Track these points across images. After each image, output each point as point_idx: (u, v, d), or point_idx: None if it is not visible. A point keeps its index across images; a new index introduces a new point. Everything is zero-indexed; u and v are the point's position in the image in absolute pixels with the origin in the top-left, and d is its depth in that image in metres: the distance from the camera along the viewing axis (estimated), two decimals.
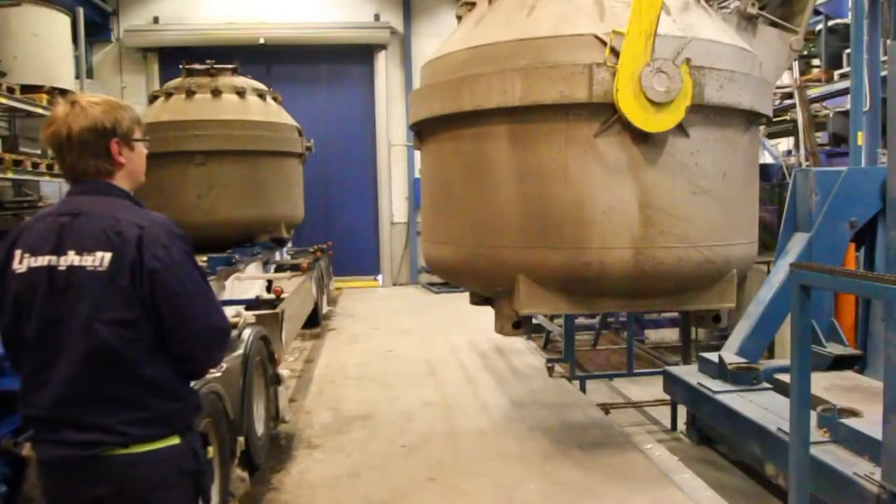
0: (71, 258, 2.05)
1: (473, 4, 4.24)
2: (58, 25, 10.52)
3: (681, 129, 3.54)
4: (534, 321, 8.88)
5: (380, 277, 15.60)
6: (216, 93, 8.45)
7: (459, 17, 4.41)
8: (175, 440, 2.12)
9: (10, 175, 8.68)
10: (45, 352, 2.06)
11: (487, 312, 4.23)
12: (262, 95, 8.98)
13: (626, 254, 3.57)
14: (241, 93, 8.61)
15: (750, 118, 3.90)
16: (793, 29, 4.40)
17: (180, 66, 9.10)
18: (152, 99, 9.14)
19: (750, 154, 4.01)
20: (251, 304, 6.20)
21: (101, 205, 2.13)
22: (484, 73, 3.70)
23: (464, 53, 3.90)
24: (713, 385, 4.69)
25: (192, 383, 2.33)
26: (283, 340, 5.98)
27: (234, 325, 4.54)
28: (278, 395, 5.24)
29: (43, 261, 2.07)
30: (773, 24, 4.38)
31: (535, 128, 3.62)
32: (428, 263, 4.37)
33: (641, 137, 3.49)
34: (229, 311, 5.98)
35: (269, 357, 5.04)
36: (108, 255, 2.04)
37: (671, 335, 9.49)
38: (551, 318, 8.40)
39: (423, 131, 4.25)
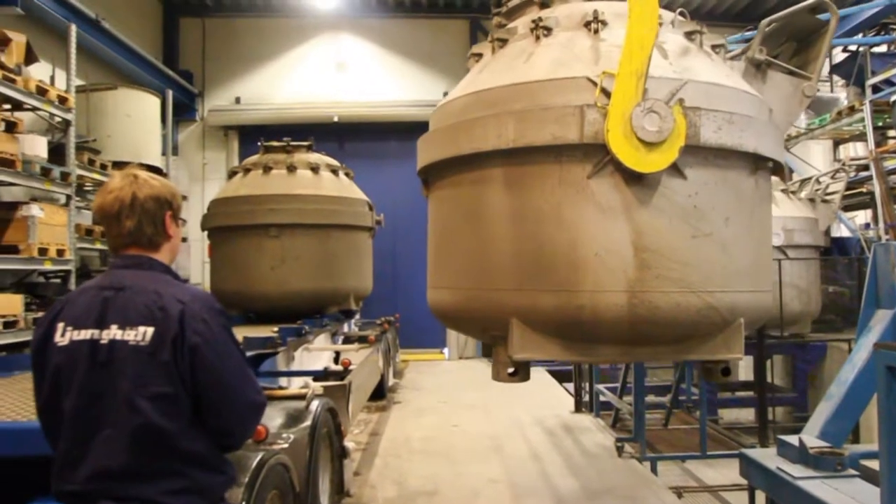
0: (113, 332, 2.08)
1: (482, 55, 4.33)
2: (149, 106, 11.24)
3: (677, 170, 3.45)
4: (601, 398, 8.71)
5: (446, 350, 15.56)
6: (292, 168, 8.79)
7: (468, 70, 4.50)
8: None
9: (98, 245, 9.15)
10: (84, 426, 2.06)
11: (554, 389, 4.17)
12: (334, 171, 9.29)
13: (621, 297, 3.44)
14: (315, 168, 8.93)
15: (756, 162, 3.79)
16: (806, 76, 4.32)
17: (259, 143, 9.52)
18: (231, 174, 9.55)
19: (758, 199, 3.85)
20: (319, 376, 6.27)
21: (143, 279, 2.17)
22: (480, 117, 3.73)
23: (464, 99, 3.96)
24: (794, 470, 4.45)
25: (262, 453, 2.36)
26: (350, 412, 5.99)
27: (303, 397, 4.58)
28: (344, 467, 5.22)
29: (85, 334, 2.10)
30: (786, 71, 4.31)
31: (529, 170, 3.60)
32: (431, 309, 4.33)
33: (635, 178, 3.41)
34: (298, 382, 6.07)
35: (335, 429, 5.05)
36: (150, 330, 2.06)
37: (747, 415, 9.11)
38: (620, 395, 8.20)
39: (429, 179, 4.29)
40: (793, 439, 4.75)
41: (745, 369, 10.90)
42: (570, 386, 10.05)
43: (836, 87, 14.36)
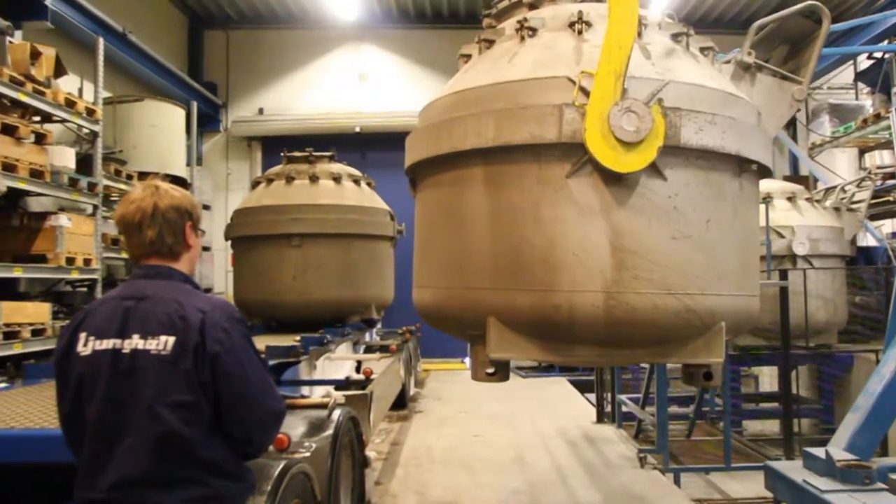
0: (135, 342, 2.10)
1: (470, 56, 4.34)
2: (174, 118, 11.39)
3: (656, 171, 3.40)
4: (624, 409, 8.65)
5: (467, 360, 15.53)
6: (314, 179, 8.86)
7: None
8: None
9: (123, 255, 9.27)
10: (107, 434, 2.08)
11: (575, 399, 4.15)
12: (356, 181, 9.34)
13: (597, 298, 3.39)
14: (337, 178, 8.99)
15: (740, 164, 3.73)
16: (796, 79, 4.27)
17: (281, 154, 9.61)
18: (255, 184, 9.64)
19: (742, 202, 3.78)
20: (341, 385, 6.29)
21: (164, 289, 2.20)
22: (461, 116, 3.73)
23: (447, 99, 3.96)
24: (820, 483, 4.38)
25: (284, 462, 2.37)
26: (371, 422, 6.01)
27: (325, 406, 4.60)
28: (365, 477, 5.23)
29: (108, 344, 2.12)
30: (776, 75, 4.28)
31: (508, 169, 3.58)
32: (416, 308, 4.33)
33: (614, 179, 3.38)
34: (319, 391, 6.10)
35: (357, 438, 5.07)
36: (171, 340, 2.08)
37: (772, 427, 9.00)
38: (643, 405, 8.14)
39: (416, 179, 4.30)
40: (819, 452, 4.68)
41: (769, 380, 10.78)
42: (592, 396, 9.99)
43: (861, 95, 14.20)
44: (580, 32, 3.77)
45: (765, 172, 4.06)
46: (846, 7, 14.37)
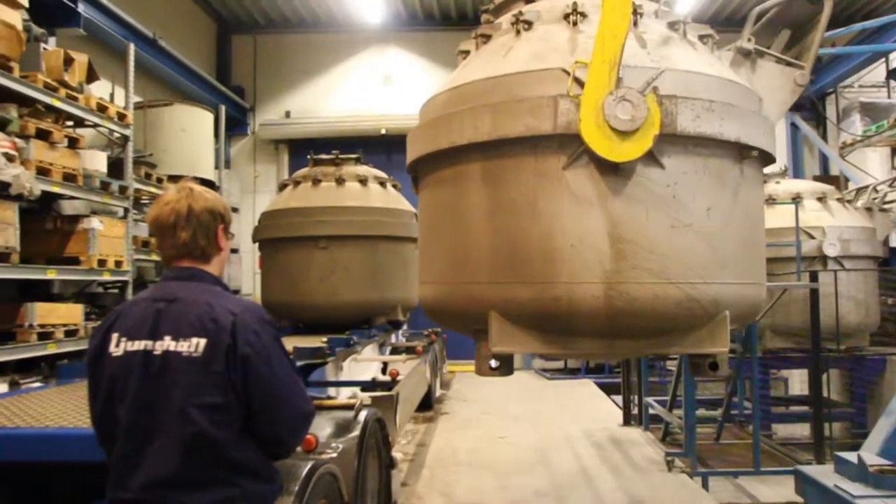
0: (167, 343, 2.11)
1: (469, 52, 4.33)
2: (203, 121, 11.53)
3: (654, 159, 3.37)
4: (651, 411, 8.59)
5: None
6: (340, 181, 8.91)
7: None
8: None
9: (153, 257, 9.41)
10: (138, 435, 2.10)
11: (601, 401, 4.13)
12: (382, 183, 9.39)
13: (597, 289, 3.37)
14: (363, 181, 9.04)
15: (741, 151, 3.66)
16: (798, 64, 4.20)
17: (308, 157, 9.68)
18: (282, 187, 9.73)
19: (744, 189, 3.70)
20: (367, 386, 6.33)
21: (195, 291, 2.21)
22: (458, 111, 3.72)
23: (445, 94, 3.96)
24: (853, 488, 4.32)
25: (312, 462, 2.39)
26: (398, 423, 6.04)
27: (351, 407, 4.63)
28: (391, 478, 5.26)
29: (139, 345, 2.14)
30: (777, 60, 4.21)
31: (505, 163, 3.57)
32: (421, 305, 4.33)
33: (611, 168, 3.34)
34: (346, 392, 6.15)
35: (383, 439, 5.09)
36: (202, 342, 2.09)
37: (802, 430, 8.88)
38: (670, 408, 8.07)
39: (417, 176, 4.31)
40: (851, 456, 4.61)
41: (799, 383, 10.63)
42: (619, 398, 9.94)
43: (893, 93, 13.96)
44: (575, 24, 3.75)
45: (767, 159, 4.00)
46: (877, 4, 14.14)
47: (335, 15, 15.60)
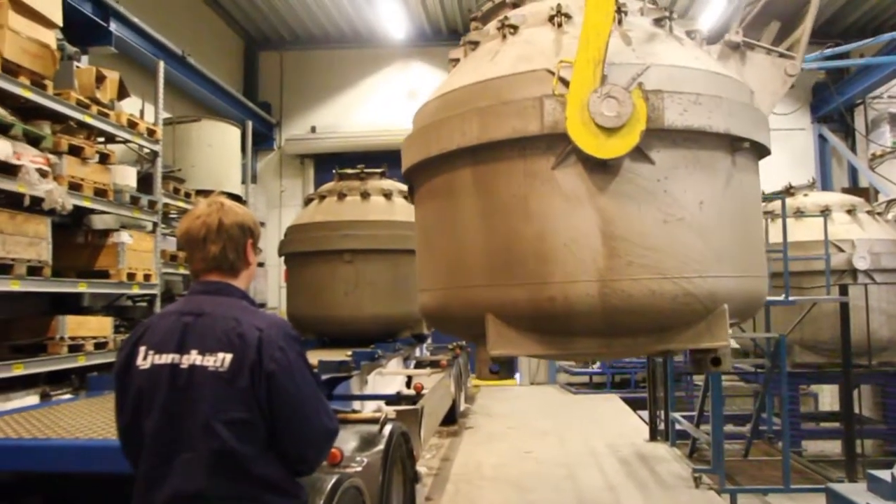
0: (193, 357, 2.12)
1: (459, 60, 4.35)
2: (230, 137, 11.69)
3: (643, 155, 3.35)
4: (677, 427, 8.49)
5: (517, 376, 15.46)
6: (365, 195, 8.97)
7: None
8: None
9: (181, 270, 9.53)
10: (164, 448, 2.11)
11: (628, 416, 4.10)
12: (406, 197, 9.43)
13: (592, 287, 3.34)
14: (387, 195, 9.09)
15: (732, 143, 3.62)
16: (788, 55, 4.16)
17: (333, 171, 9.76)
18: (307, 201, 9.81)
19: (738, 182, 3.67)
20: (392, 400, 6.33)
21: (222, 305, 2.22)
22: (447, 117, 3.75)
23: (435, 102, 4.00)
24: None
25: (336, 476, 2.39)
26: (422, 437, 6.03)
27: (376, 421, 4.64)
28: (415, 492, 5.24)
29: (166, 358, 2.14)
30: (766, 52, 4.18)
31: (496, 166, 3.58)
32: (421, 313, 4.32)
33: (599, 166, 3.33)
34: (371, 406, 6.15)
35: (408, 453, 5.08)
36: (228, 357, 2.10)
37: (833, 447, 8.72)
38: (697, 424, 7.98)
39: (413, 185, 4.31)
40: (884, 474, 4.52)
41: (830, 399, 10.45)
42: (645, 413, 9.84)
43: None
44: (560, 25, 3.77)
45: (762, 151, 3.97)
46: None
47: (360, 31, 15.76)
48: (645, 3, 3.99)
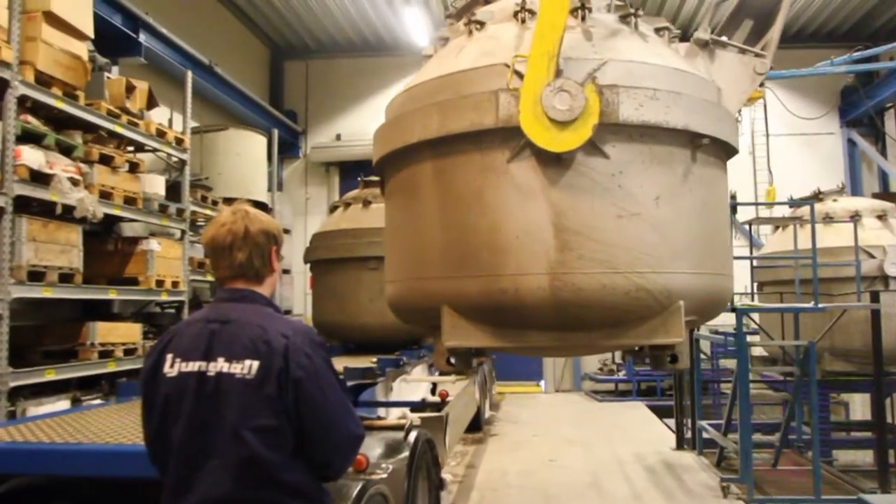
0: (220, 365, 2.13)
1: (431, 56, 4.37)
2: (256, 145, 11.80)
3: (596, 149, 3.34)
4: (705, 435, 8.39)
5: (542, 383, 15.40)
6: None
7: None
8: None
9: (208, 277, 9.63)
10: (192, 455, 2.11)
11: (654, 424, 4.07)
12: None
13: (542, 280, 3.34)
14: None
15: (693, 140, 3.58)
16: (758, 53, 4.14)
17: (358, 178, 9.81)
18: (333, 209, 9.87)
19: (699, 179, 3.62)
20: (417, 406, 6.34)
21: (248, 312, 2.22)
22: (410, 110, 3.80)
23: (402, 96, 4.06)
24: None
25: (362, 483, 2.40)
26: (447, 444, 6.03)
27: (401, 427, 4.65)
28: (440, 499, 5.24)
29: (193, 366, 2.15)
30: (736, 50, 4.16)
31: (454, 159, 3.60)
32: (388, 306, 4.34)
33: (554, 159, 3.33)
34: (396, 413, 6.17)
35: (433, 460, 5.09)
36: (255, 364, 2.10)
37: (864, 457, 8.57)
38: (725, 432, 7.88)
39: (383, 179, 4.32)
40: None
41: (861, 408, 10.28)
42: (671, 422, 9.74)
43: None
44: (524, 21, 3.80)
45: (728, 149, 3.93)
46: None
47: (384, 39, 15.85)
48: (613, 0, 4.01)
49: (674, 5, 13.83)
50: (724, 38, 4.27)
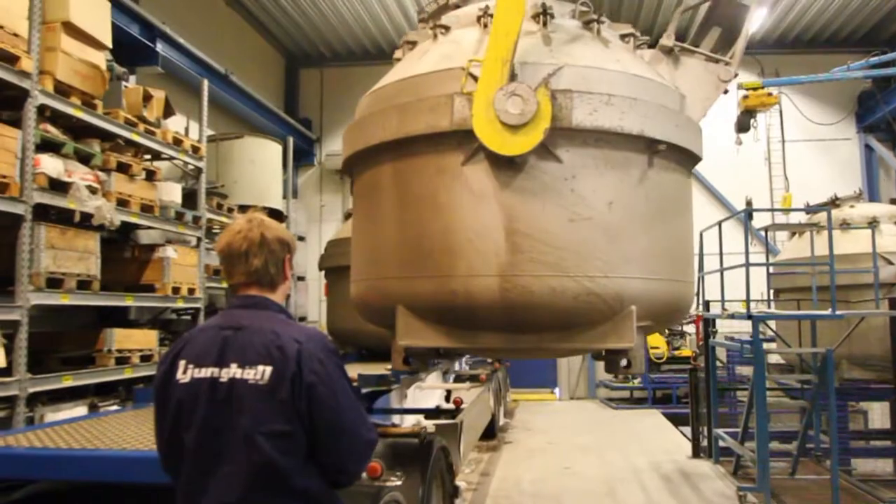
0: (233, 371, 2.13)
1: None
2: (272, 153, 11.86)
3: (549, 153, 3.35)
4: (721, 443, 8.33)
5: (557, 390, 15.34)
6: None
7: None
8: None
9: (224, 284, 9.68)
10: (204, 461, 2.11)
11: (670, 432, 4.03)
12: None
13: (492, 282, 3.35)
14: None
15: (650, 146, 3.56)
16: (723, 60, 4.16)
17: None
18: (347, 216, 9.92)
19: (656, 185, 3.60)
20: (431, 414, 6.33)
21: (261, 319, 2.23)
22: (372, 112, 3.84)
23: (367, 98, 4.10)
24: None
25: (376, 489, 2.40)
26: (462, 451, 6.01)
27: (416, 434, 4.64)
28: None
29: (206, 372, 2.15)
30: (702, 57, 4.15)
31: (412, 161, 3.63)
32: (353, 305, 4.36)
33: (507, 163, 3.34)
34: (410, 420, 6.16)
35: (447, 468, 5.07)
36: (268, 370, 2.10)
37: (884, 466, 8.46)
38: (742, 440, 7.81)
39: (352, 181, 4.37)
40: None
41: (880, 416, 10.14)
42: (687, 430, 9.67)
43: None
44: (486, 26, 3.80)
45: (692, 156, 3.91)
46: None
47: (398, 46, 15.91)
48: (577, 5, 4.02)
49: (651, 10, 13.80)
50: (689, 46, 4.29)
